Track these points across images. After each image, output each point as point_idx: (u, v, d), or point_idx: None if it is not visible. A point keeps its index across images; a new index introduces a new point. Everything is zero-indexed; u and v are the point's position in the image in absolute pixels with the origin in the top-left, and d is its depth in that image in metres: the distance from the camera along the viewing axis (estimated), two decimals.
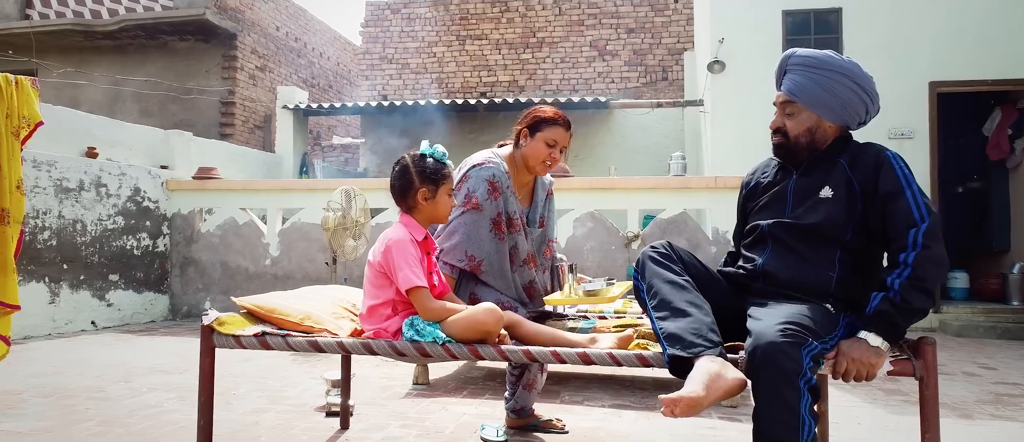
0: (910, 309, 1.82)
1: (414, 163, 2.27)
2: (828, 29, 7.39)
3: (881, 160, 1.96)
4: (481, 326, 2.06)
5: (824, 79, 2.04)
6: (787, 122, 2.11)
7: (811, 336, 1.76)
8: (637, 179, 6.44)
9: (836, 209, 1.99)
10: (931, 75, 7.11)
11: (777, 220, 2.10)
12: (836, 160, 2.05)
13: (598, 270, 6.30)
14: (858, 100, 2.04)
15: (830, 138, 2.09)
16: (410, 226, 2.24)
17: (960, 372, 4.72)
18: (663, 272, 1.99)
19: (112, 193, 6.52)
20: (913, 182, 1.93)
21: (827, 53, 2.07)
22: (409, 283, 2.10)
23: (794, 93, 2.08)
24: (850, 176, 2.00)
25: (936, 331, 6.79)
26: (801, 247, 2.03)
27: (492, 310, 2.08)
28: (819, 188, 2.03)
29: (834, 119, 2.07)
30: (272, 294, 2.48)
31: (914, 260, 1.83)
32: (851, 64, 2.05)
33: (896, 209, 1.90)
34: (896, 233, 1.89)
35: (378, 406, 3.63)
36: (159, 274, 7.05)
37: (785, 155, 2.15)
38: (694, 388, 1.67)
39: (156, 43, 11.61)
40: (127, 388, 3.94)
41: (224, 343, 2.15)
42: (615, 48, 11.13)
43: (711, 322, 1.86)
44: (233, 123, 11.43)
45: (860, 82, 2.03)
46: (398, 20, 11.87)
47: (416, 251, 2.16)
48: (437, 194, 2.25)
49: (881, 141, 6.96)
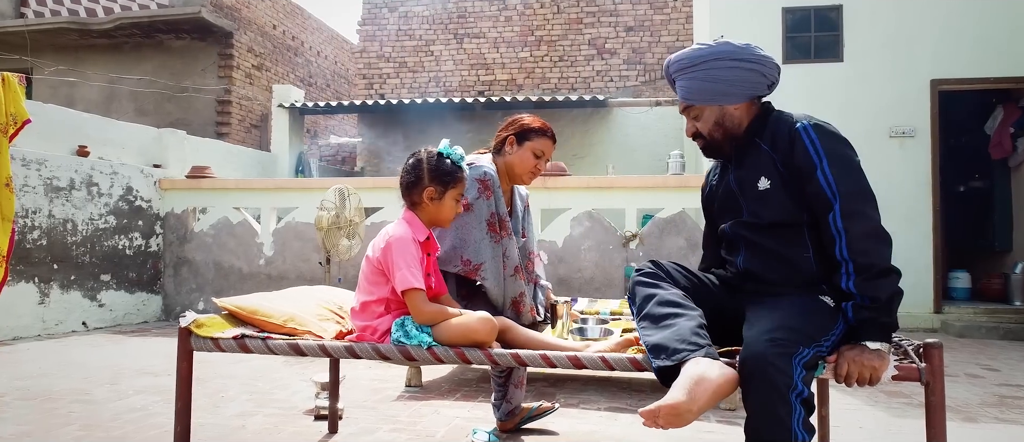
0: (882, 300, 1.74)
1: (428, 160, 2.20)
2: (828, 26, 7.31)
3: (793, 136, 1.89)
4: (474, 335, 1.99)
5: (702, 72, 2.00)
6: (697, 125, 2.07)
7: (803, 342, 1.67)
8: (635, 178, 6.36)
9: (779, 197, 1.92)
10: (932, 73, 7.03)
11: (737, 220, 2.04)
12: (757, 143, 1.99)
13: (595, 270, 6.22)
14: (746, 72, 1.98)
15: (743, 118, 2.02)
16: (413, 224, 2.17)
17: (963, 374, 4.65)
18: (649, 290, 1.93)
19: (104, 192, 6.44)
20: (826, 155, 1.83)
21: (696, 47, 2.03)
22: (406, 284, 2.03)
23: (687, 97, 2.05)
24: (773, 157, 1.94)
25: (938, 332, 6.71)
26: (769, 240, 1.96)
27: (486, 319, 2.01)
28: (756, 179, 1.97)
29: (735, 100, 2.01)
30: (255, 295, 2.40)
31: (847, 251, 1.77)
32: (722, 45, 1.99)
33: (812, 192, 1.84)
34: (819, 220, 1.83)
35: (368, 409, 3.55)
36: (152, 274, 6.97)
37: (713, 153, 2.10)
38: (675, 395, 1.58)
39: (152, 41, 11.53)
40: (113, 390, 3.86)
41: (202, 346, 2.07)
42: (614, 46, 11.05)
43: (696, 326, 1.77)
44: (229, 122, 11.35)
45: (738, 56, 1.98)
46: (395, 18, 11.79)
47: (417, 251, 2.09)
48: (444, 197, 2.17)
49: (882, 140, 7.00)
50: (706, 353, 1.70)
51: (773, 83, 2.04)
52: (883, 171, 6.76)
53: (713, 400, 1.61)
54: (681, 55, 2.05)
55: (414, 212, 2.17)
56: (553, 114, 10.20)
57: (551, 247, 6.30)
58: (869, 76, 7.08)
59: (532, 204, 6.31)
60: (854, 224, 1.77)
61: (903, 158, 6.96)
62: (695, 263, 6.58)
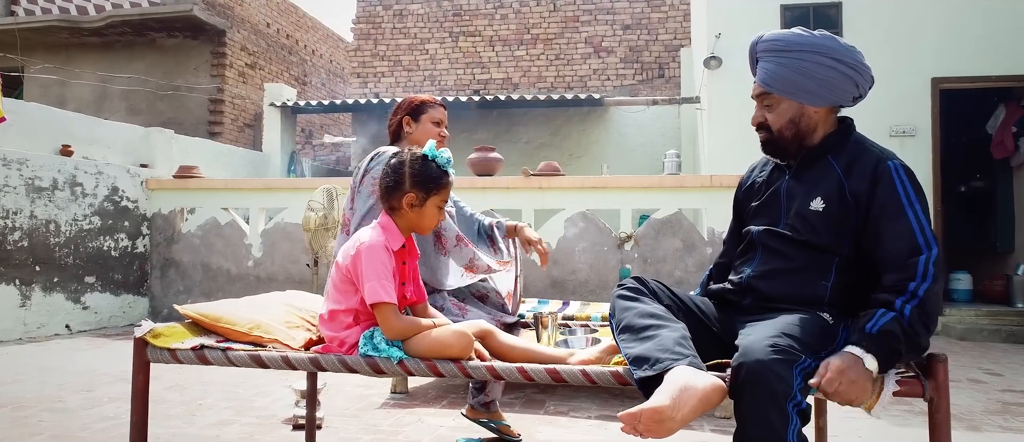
0: (915, 340, 1.60)
1: (411, 162, 2.03)
2: (828, 23, 7.18)
3: (880, 171, 1.73)
4: (447, 350, 1.86)
5: (795, 62, 1.82)
6: (768, 116, 1.89)
7: (804, 352, 1.56)
8: (630, 178, 6.23)
9: (828, 224, 1.78)
10: (934, 71, 6.91)
11: (768, 228, 1.90)
12: (830, 161, 1.84)
13: (590, 272, 6.09)
14: (840, 76, 1.81)
15: (819, 125, 1.87)
16: (388, 231, 2.01)
17: (965, 379, 4.52)
18: (631, 305, 1.80)
19: (88, 192, 6.31)
20: (916, 200, 1.70)
21: (795, 32, 1.85)
22: (375, 297, 1.88)
23: (768, 83, 1.86)
24: (843, 183, 1.78)
25: (939, 335, 6.59)
26: (793, 257, 1.83)
27: (461, 333, 1.88)
28: (811, 195, 1.82)
29: (818, 102, 1.84)
30: (221, 302, 2.27)
31: (925, 293, 1.61)
32: (825, 38, 1.82)
33: (896, 233, 1.68)
34: (896, 258, 1.67)
35: (350, 417, 3.42)
36: (138, 276, 6.85)
37: (774, 151, 1.94)
38: (658, 399, 1.47)
39: (144, 40, 11.41)
40: (88, 398, 3.74)
41: (158, 357, 1.94)
42: (611, 45, 10.93)
43: (679, 337, 1.66)
44: (222, 121, 11.23)
45: (838, 56, 1.80)
46: (390, 16, 11.67)
47: (389, 260, 1.95)
48: (426, 203, 2.00)
49: (882, 139, 6.86)
50: (690, 362, 1.58)
51: (861, 96, 1.87)
52: None
53: (698, 409, 1.49)
54: (776, 35, 1.87)
55: (392, 217, 2.03)
56: (550, 113, 10.09)
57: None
58: None
59: (525, 204, 6.23)
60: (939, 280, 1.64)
61: (904, 157, 6.59)
62: (692, 265, 6.42)
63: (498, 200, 6.31)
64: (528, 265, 6.18)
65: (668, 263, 5.91)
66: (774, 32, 1.88)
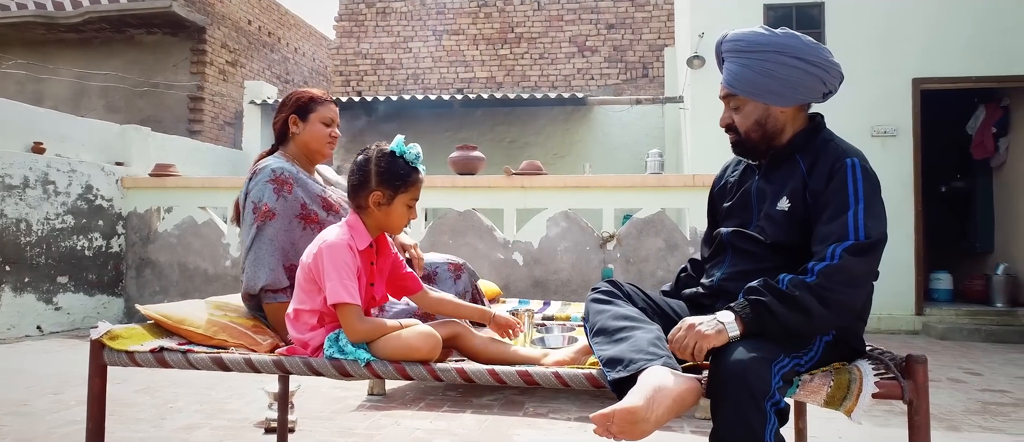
0: (792, 300, 1.58)
1: (377, 159, 1.94)
2: (811, 23, 7.19)
3: (836, 169, 1.71)
4: (413, 353, 1.80)
5: (758, 62, 1.78)
6: (735, 117, 1.87)
7: (783, 351, 1.53)
8: (612, 177, 6.19)
9: (794, 224, 1.76)
10: (915, 71, 6.93)
11: (737, 230, 1.87)
12: (797, 160, 1.81)
13: (572, 271, 6.05)
14: (805, 75, 1.78)
15: (787, 125, 1.84)
16: (355, 230, 1.94)
17: (945, 378, 4.53)
18: (605, 307, 1.77)
19: (61, 191, 6.18)
20: (863, 198, 1.67)
21: (757, 31, 1.81)
22: (337, 297, 1.82)
23: (732, 85, 1.83)
24: (806, 181, 1.76)
25: (920, 334, 6.61)
26: (762, 257, 1.80)
27: (428, 335, 1.82)
28: (778, 195, 1.80)
29: (784, 102, 1.81)
30: (184, 302, 2.20)
31: (821, 270, 1.60)
32: (785, 36, 1.79)
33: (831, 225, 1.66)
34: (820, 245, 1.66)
35: (325, 420, 3.36)
36: (113, 276, 6.72)
37: (743, 152, 1.92)
38: (632, 399, 1.43)
39: (122, 36, 11.22)
40: (55, 401, 3.64)
41: (116, 360, 1.87)
42: (595, 44, 10.90)
43: (654, 338, 1.63)
44: (202, 119, 11.07)
45: (801, 55, 1.77)
46: (373, 14, 11.57)
47: (353, 259, 1.87)
48: (393, 202, 1.92)
49: (864, 139, 6.87)
50: (665, 362, 1.55)
51: (830, 93, 1.84)
52: None
53: (673, 410, 1.46)
54: (740, 34, 1.82)
55: (360, 217, 1.96)
56: (534, 112, 10.04)
57: (527, 248, 6.12)
58: (851, 74, 6.84)
59: (507, 204, 6.17)
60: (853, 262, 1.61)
61: (885, 158, 6.85)
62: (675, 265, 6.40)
63: (480, 199, 6.25)
64: (511, 265, 6.13)
65: (651, 263, 5.88)
66: (737, 31, 1.84)
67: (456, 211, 6.23)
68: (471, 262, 6.13)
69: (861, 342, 1.80)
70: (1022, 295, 6.89)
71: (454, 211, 6.23)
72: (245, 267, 2.21)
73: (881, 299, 6.71)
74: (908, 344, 5.99)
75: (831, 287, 1.59)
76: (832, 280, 1.59)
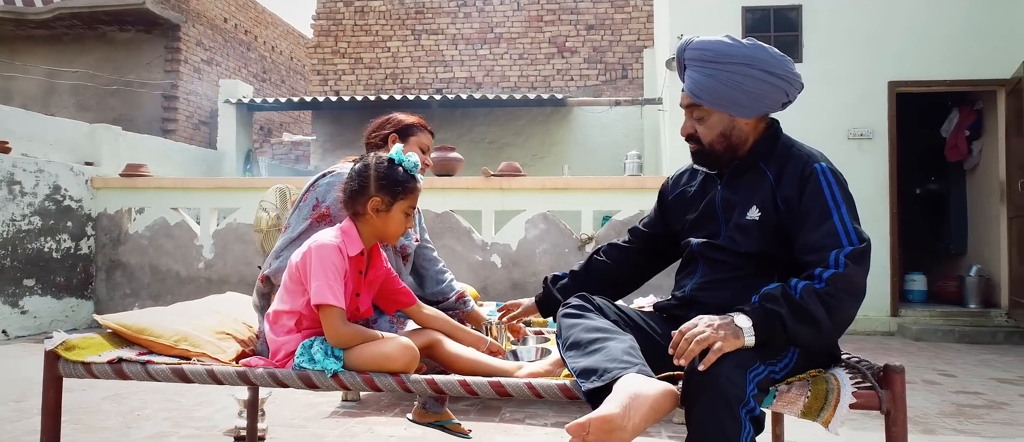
0: (804, 312, 1.54)
1: (376, 166, 1.94)
2: (788, 26, 7.22)
3: (808, 175, 1.70)
4: (389, 363, 1.75)
5: (726, 74, 1.75)
6: (698, 128, 1.84)
7: (758, 358, 1.51)
8: (591, 179, 6.17)
9: (766, 232, 1.74)
10: (891, 74, 6.98)
11: (709, 242, 1.85)
12: (762, 170, 1.79)
13: (550, 273, 6.00)
14: (772, 88, 1.76)
15: (749, 135, 1.83)
16: (347, 236, 1.91)
17: (920, 380, 4.55)
18: (576, 321, 1.74)
19: (28, 191, 6.03)
20: (842, 202, 1.67)
21: (724, 41, 1.78)
22: (321, 298, 1.78)
23: (697, 94, 1.80)
24: (775, 190, 1.75)
25: (895, 335, 6.67)
26: (735, 266, 1.78)
27: (406, 346, 1.77)
28: (747, 205, 1.78)
29: (749, 114, 1.80)
30: (146, 310, 2.13)
31: (830, 277, 1.57)
32: (753, 48, 1.76)
33: (820, 232, 1.64)
34: (814, 251, 1.63)
35: (297, 428, 3.28)
36: (82, 278, 6.57)
37: (705, 162, 1.90)
38: (608, 407, 1.40)
39: (94, 33, 11.01)
40: (16, 409, 3.53)
41: (72, 372, 1.79)
42: (575, 45, 10.88)
43: (628, 347, 1.60)
44: (176, 118, 10.89)
45: (769, 68, 1.74)
46: (351, 13, 11.46)
47: (341, 262, 1.84)
48: (392, 208, 1.91)
49: (841, 141, 6.91)
50: (640, 370, 1.52)
51: (789, 102, 1.83)
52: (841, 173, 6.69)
53: (650, 417, 1.42)
54: (706, 43, 1.78)
55: (355, 224, 1.93)
56: (513, 113, 10.00)
57: (505, 250, 6.08)
58: (828, 77, 7.01)
59: (486, 206, 6.13)
60: (855, 269, 1.59)
61: (861, 160, 6.90)
62: None
63: (458, 201, 6.20)
64: (489, 267, 6.08)
65: None
66: (703, 39, 1.81)
67: (434, 212, 6.17)
68: (449, 264, 6.06)
69: (837, 348, 1.78)
70: (995, 296, 6.97)
71: (432, 212, 6.17)
72: (280, 253, 2.17)
73: None
74: (884, 345, 6.03)
75: (838, 296, 1.56)
76: (838, 288, 1.57)
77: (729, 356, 1.46)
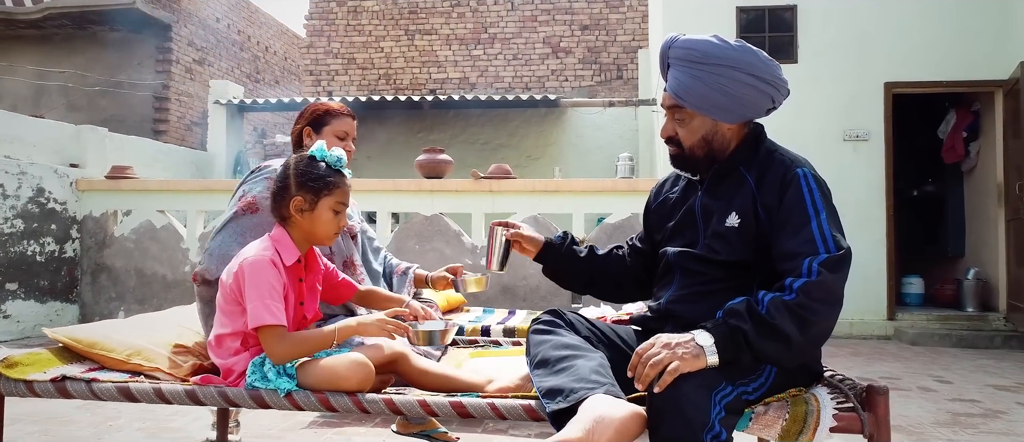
0: (769, 327, 1.46)
1: (296, 164, 1.84)
2: (783, 26, 7.13)
3: (788, 180, 1.62)
4: (341, 383, 1.65)
5: (712, 76, 1.66)
6: (679, 130, 1.75)
7: (725, 378, 1.42)
8: (582, 181, 6.08)
9: (745, 240, 1.66)
10: (887, 75, 6.90)
11: (685, 250, 1.76)
12: (743, 174, 1.71)
13: (541, 278, 5.87)
14: (758, 93, 1.68)
15: (731, 140, 1.75)
16: (279, 244, 1.80)
17: (916, 387, 4.46)
18: (546, 338, 1.66)
19: (10, 194, 5.93)
20: (823, 208, 1.59)
21: (712, 42, 1.69)
22: (258, 320, 1.68)
23: (680, 96, 1.71)
24: (755, 197, 1.66)
25: (891, 339, 6.58)
26: (712, 277, 1.70)
27: (358, 364, 1.67)
28: (726, 212, 1.69)
29: (732, 119, 1.72)
30: (100, 323, 2.04)
31: (801, 287, 1.49)
32: (742, 50, 1.68)
33: (797, 239, 1.56)
34: (788, 259, 1.56)
35: (273, 439, 3.19)
36: (67, 282, 6.47)
37: (684, 167, 1.81)
38: (570, 432, 1.33)
39: (84, 33, 10.91)
40: None
41: (12, 390, 1.70)
42: (569, 45, 10.79)
43: (596, 366, 1.52)
44: (167, 119, 10.80)
45: (757, 72, 1.66)
46: (344, 13, 11.37)
47: (277, 277, 1.73)
48: (317, 207, 1.79)
49: (835, 143, 6.83)
50: (607, 390, 1.43)
51: (774, 108, 1.75)
52: (836, 175, 6.56)
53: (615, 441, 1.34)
54: (693, 43, 1.69)
55: (285, 229, 1.82)
56: (507, 114, 9.91)
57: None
58: (823, 78, 6.92)
59: (475, 208, 6.03)
60: (830, 277, 1.50)
61: (856, 161, 6.81)
62: None
63: (447, 204, 6.11)
64: (479, 271, 5.98)
65: None
66: (689, 38, 1.72)
67: (423, 215, 6.08)
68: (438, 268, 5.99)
69: (819, 364, 1.69)
70: (993, 299, 6.88)
71: (421, 215, 6.08)
72: (208, 247, 2.11)
73: (853, 304, 6.67)
74: (879, 349, 5.94)
75: (811, 306, 1.48)
76: (812, 297, 1.48)
77: (692, 376, 1.38)
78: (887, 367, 5.17)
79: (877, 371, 4.99)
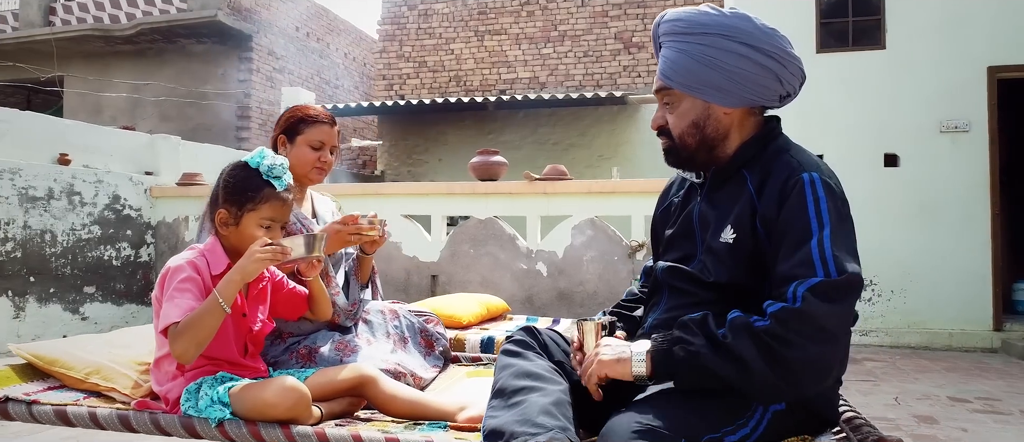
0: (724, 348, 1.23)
1: (228, 173, 1.73)
2: (868, 10, 6.55)
3: (789, 187, 1.32)
4: (270, 411, 1.49)
5: (698, 47, 1.41)
6: (668, 117, 1.49)
7: (687, 435, 1.18)
8: (640, 182, 5.76)
9: (740, 259, 1.38)
10: (990, 59, 6.19)
11: (674, 265, 1.49)
12: (745, 178, 1.42)
13: (599, 283, 5.65)
14: (756, 67, 1.40)
15: (732, 130, 1.46)
16: (211, 253, 1.69)
17: (1018, 411, 3.91)
18: (511, 362, 1.45)
19: (87, 201, 6.22)
20: (829, 222, 1.28)
21: (702, 9, 1.43)
22: (166, 320, 1.54)
23: (666, 75, 1.46)
24: (756, 206, 1.37)
25: (998, 352, 5.88)
26: (703, 299, 1.42)
27: (287, 390, 1.51)
28: (722, 223, 1.41)
29: (729, 102, 1.43)
30: (67, 340, 1.98)
31: (777, 313, 1.23)
32: (735, 17, 1.40)
33: (792, 261, 1.28)
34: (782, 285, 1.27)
35: None
36: (142, 285, 6.74)
37: (677, 162, 1.53)
38: None
39: (174, 46, 11.48)
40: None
41: None
42: (641, 40, 10.39)
43: (549, 403, 1.30)
44: (249, 127, 11.20)
45: (752, 41, 1.39)
46: (415, 16, 11.42)
47: (191, 277, 1.60)
48: (241, 222, 1.66)
49: (931, 134, 6.19)
50: (553, 437, 1.21)
51: (788, 95, 1.47)
52: (931, 170, 5.99)
53: None
54: (678, 14, 1.48)
55: (218, 239, 1.70)
56: (577, 113, 9.65)
57: (551, 258, 5.76)
58: (915, 64, 6.29)
59: (530, 211, 5.83)
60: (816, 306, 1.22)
61: (955, 155, 6.15)
62: None
63: (501, 206, 5.94)
64: (534, 275, 5.78)
65: None
66: (677, 10, 1.47)
67: (478, 218, 5.94)
68: (493, 272, 5.82)
69: (832, 407, 1.39)
70: None
71: (476, 218, 5.94)
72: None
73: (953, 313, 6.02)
74: (981, 365, 5.31)
75: (783, 336, 1.20)
76: (787, 327, 1.21)
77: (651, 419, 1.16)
78: (987, 385, 4.59)
79: (974, 390, 4.43)
